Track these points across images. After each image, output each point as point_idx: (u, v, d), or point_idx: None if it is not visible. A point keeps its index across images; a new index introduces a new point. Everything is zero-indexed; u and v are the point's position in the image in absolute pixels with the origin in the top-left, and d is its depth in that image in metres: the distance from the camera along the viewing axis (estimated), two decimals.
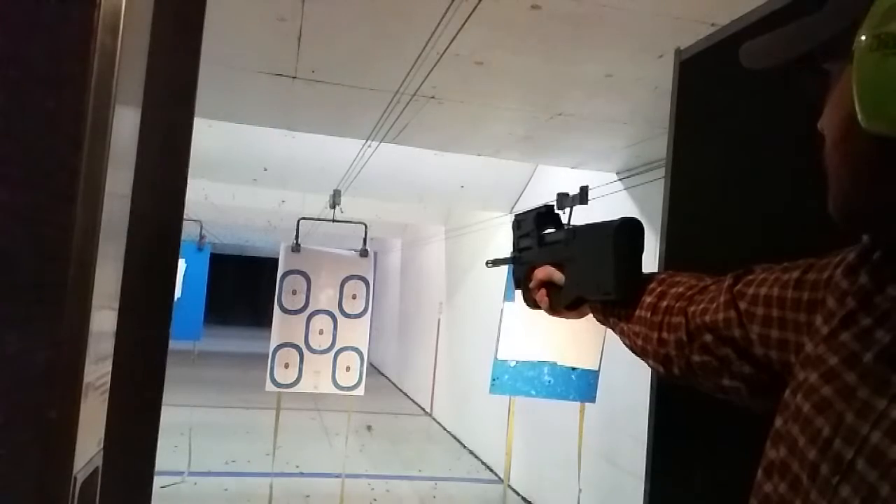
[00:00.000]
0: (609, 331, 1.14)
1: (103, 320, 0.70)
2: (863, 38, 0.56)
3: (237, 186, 7.60)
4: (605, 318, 1.12)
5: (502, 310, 4.29)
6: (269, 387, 4.77)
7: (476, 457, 7.65)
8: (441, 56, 2.99)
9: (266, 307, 5.65)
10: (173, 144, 0.89)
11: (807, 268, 0.78)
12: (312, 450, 7.27)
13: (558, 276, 1.18)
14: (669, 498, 1.47)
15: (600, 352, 4.25)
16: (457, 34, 2.74)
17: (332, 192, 5.47)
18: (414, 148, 5.18)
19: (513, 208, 6.85)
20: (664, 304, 0.98)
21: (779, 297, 0.79)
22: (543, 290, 1.21)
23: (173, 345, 0.98)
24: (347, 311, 4.95)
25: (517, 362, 4.26)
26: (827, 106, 0.66)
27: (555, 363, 4.28)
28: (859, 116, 0.57)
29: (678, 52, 1.56)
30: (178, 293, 7.24)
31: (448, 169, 6.29)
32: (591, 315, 1.18)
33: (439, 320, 9.61)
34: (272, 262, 7.83)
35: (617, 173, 4.95)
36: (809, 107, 0.70)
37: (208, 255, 9.27)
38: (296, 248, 4.92)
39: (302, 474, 6.45)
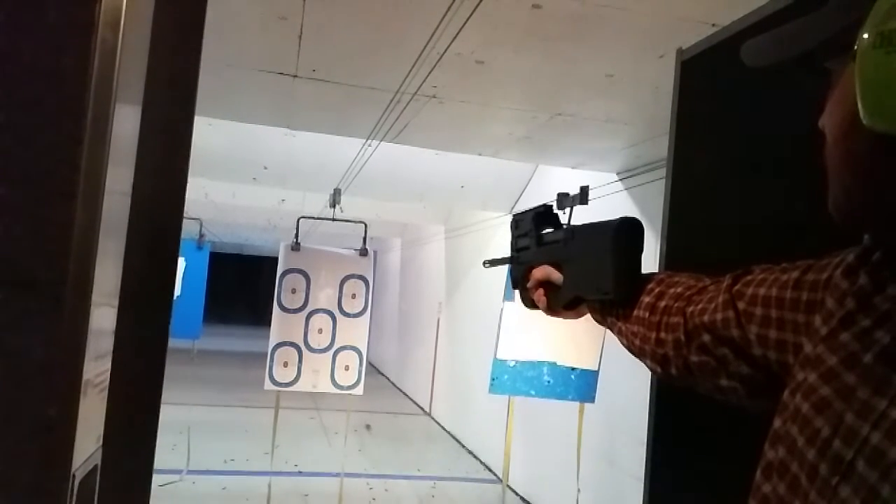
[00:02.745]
0: (609, 331, 1.14)
1: (103, 318, 0.70)
2: (865, 35, 0.56)
3: (237, 185, 7.60)
4: (602, 318, 1.12)
5: (502, 310, 4.29)
6: (268, 385, 4.77)
7: (475, 457, 7.64)
8: (442, 55, 2.99)
9: (265, 306, 5.65)
10: (173, 142, 0.89)
11: (806, 268, 0.78)
12: (311, 449, 7.26)
13: (556, 276, 1.17)
14: (669, 498, 1.47)
15: (600, 352, 4.25)
16: (457, 34, 2.74)
17: (332, 191, 5.47)
18: (414, 147, 5.18)
19: (513, 208, 6.85)
20: (662, 304, 0.97)
21: (777, 298, 0.78)
22: (541, 290, 1.20)
23: (172, 343, 0.98)
24: (347, 310, 4.95)
25: (517, 362, 4.26)
26: (828, 104, 0.66)
27: (554, 363, 4.28)
28: (861, 114, 0.56)
29: (679, 52, 1.55)
30: (177, 291, 7.25)
31: (448, 169, 6.28)
32: (589, 315, 1.17)
33: (439, 320, 9.60)
34: (272, 261, 7.82)
35: (617, 173, 4.94)
36: (810, 106, 0.70)
37: (208, 254, 9.30)
38: (295, 246, 4.93)
39: (301, 473, 6.45)
